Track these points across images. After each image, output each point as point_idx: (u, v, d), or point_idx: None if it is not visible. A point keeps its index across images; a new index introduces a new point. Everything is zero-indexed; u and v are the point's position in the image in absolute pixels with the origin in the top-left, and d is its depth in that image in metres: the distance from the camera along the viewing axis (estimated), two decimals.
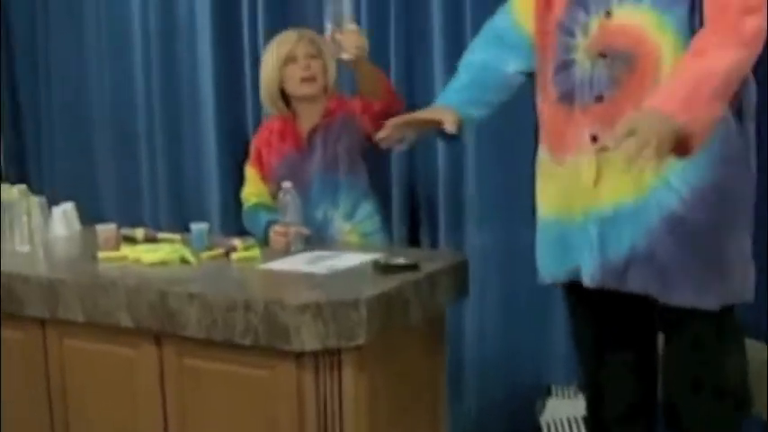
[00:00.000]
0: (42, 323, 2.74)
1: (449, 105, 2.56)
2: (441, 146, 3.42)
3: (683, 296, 2.28)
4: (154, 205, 4.14)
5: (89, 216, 3.51)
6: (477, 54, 2.64)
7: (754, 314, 2.73)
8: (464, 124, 2.56)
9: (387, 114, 2.82)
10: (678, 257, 2.26)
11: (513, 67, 2.57)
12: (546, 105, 2.46)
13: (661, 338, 2.53)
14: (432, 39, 3.42)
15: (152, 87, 4.09)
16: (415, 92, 3.45)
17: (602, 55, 2.30)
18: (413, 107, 2.97)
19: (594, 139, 2.30)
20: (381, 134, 2.59)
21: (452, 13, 3.36)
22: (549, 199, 2.47)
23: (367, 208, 3.07)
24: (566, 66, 2.39)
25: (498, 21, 2.63)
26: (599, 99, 2.31)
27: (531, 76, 2.57)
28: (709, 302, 2.29)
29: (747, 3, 2.16)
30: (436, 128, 2.54)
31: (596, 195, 2.33)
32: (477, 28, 2.99)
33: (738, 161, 2.28)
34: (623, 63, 2.27)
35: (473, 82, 2.60)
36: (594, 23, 2.32)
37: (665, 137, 2.05)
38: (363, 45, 2.83)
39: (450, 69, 3.22)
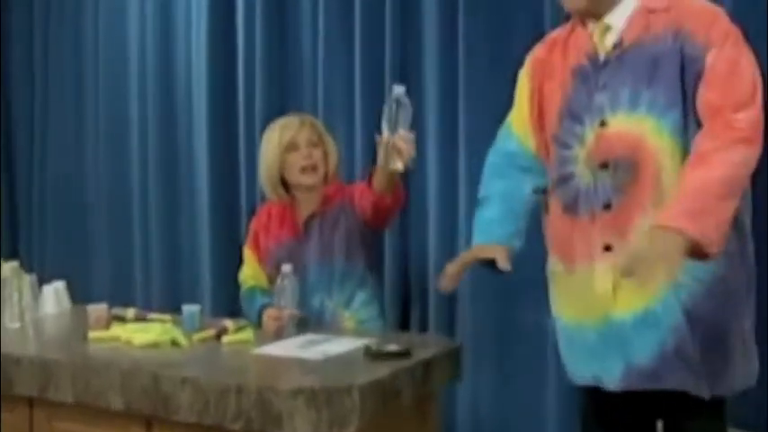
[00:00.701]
0: (30, 403, 2.72)
1: (496, 242, 2.52)
2: (433, 227, 3.45)
3: (701, 387, 2.31)
4: (146, 284, 4.15)
5: (80, 294, 3.51)
6: (497, 183, 2.59)
7: (753, 407, 2.76)
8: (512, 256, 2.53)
9: (384, 203, 2.86)
10: (698, 351, 2.29)
11: (530, 186, 2.56)
12: (551, 217, 2.49)
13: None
14: (426, 122, 3.48)
15: (148, 169, 4.14)
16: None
17: (604, 165, 2.32)
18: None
19: (608, 248, 2.33)
20: (445, 285, 2.53)
21: (447, 91, 3.43)
22: (564, 307, 2.49)
23: (363, 296, 3.06)
24: (565, 179, 2.41)
25: (505, 145, 2.61)
26: (607, 207, 2.33)
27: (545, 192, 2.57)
28: (722, 390, 2.33)
29: (737, 99, 2.19)
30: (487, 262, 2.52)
31: (613, 303, 2.34)
32: (470, 113, 3.07)
33: (734, 254, 2.30)
34: (625, 171, 2.29)
35: (507, 214, 2.56)
36: (590, 134, 2.35)
37: (674, 256, 2.09)
38: (414, 155, 2.69)
39: (444, 157, 3.30)
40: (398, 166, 2.64)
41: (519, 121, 2.57)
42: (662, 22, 2.29)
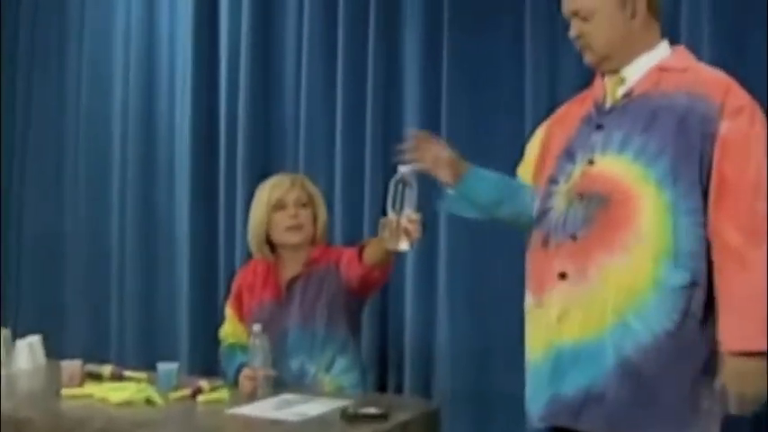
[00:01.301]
0: None
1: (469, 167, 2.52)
2: (410, 289, 3.44)
3: None
4: (121, 341, 4.11)
5: (55, 349, 3.47)
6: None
7: None
8: (464, 180, 2.51)
9: (372, 276, 2.88)
10: (628, 403, 2.27)
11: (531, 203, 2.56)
12: (529, 252, 2.51)
13: None
14: None
15: (126, 225, 4.11)
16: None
17: (580, 196, 2.35)
18: None
19: (563, 275, 2.34)
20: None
21: None
22: (532, 342, 2.48)
23: (344, 362, 3.01)
24: (545, 212, 2.44)
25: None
26: (573, 238, 2.35)
27: None
28: None
29: (753, 181, 2.21)
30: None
31: (559, 331, 2.34)
32: None
33: (698, 322, 2.29)
34: (598, 203, 2.31)
35: (499, 179, 2.58)
36: (578, 171, 2.39)
37: (761, 379, 2.19)
38: (419, 235, 2.60)
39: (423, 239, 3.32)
40: (404, 246, 2.57)
41: (524, 166, 2.61)
42: (674, 81, 2.34)
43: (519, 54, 3.32)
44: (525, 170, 2.61)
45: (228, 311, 3.16)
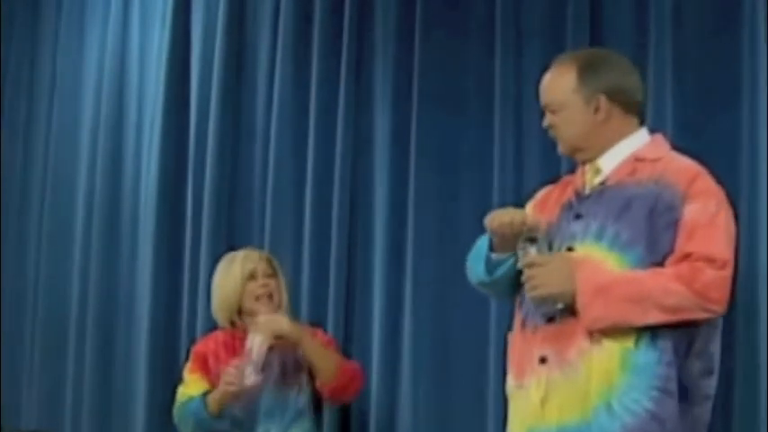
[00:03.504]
0: None
1: None
2: (376, 366, 3.44)
3: None
4: (77, 412, 4.02)
5: (8, 420, 3.40)
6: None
7: None
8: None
9: (338, 400, 3.14)
10: None
11: None
12: (511, 335, 2.51)
13: None
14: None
15: (88, 297, 4.05)
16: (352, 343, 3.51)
17: None
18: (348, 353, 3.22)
19: (543, 360, 2.34)
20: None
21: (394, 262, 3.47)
22: (513, 425, 2.47)
23: (307, 426, 3.14)
24: (524, 295, 2.44)
25: None
26: (550, 320, 2.36)
27: None
28: None
29: (710, 254, 2.24)
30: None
31: (542, 415, 2.33)
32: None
33: (673, 393, 2.29)
34: None
35: None
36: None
37: (565, 282, 2.27)
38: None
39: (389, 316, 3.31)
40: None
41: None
42: (648, 170, 2.37)
43: (487, 136, 3.36)
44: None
45: (192, 376, 3.18)
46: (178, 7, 3.97)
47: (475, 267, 2.56)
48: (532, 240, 2.36)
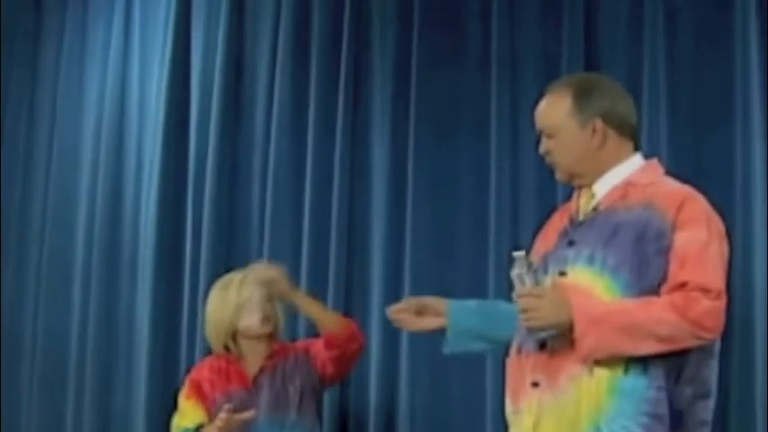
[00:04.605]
0: None
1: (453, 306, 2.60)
2: (373, 384, 3.45)
3: None
4: None
5: None
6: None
7: None
8: (448, 317, 2.58)
9: (344, 356, 3.01)
10: None
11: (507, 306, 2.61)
12: (508, 359, 2.52)
13: None
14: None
15: (88, 329, 4.04)
16: None
17: None
18: None
19: (535, 384, 2.34)
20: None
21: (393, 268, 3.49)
22: None
23: None
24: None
25: None
26: (542, 347, 2.36)
27: None
28: None
29: (704, 283, 2.24)
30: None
31: None
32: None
33: (663, 418, 2.30)
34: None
35: (481, 308, 2.67)
36: (549, 280, 2.40)
37: (560, 312, 2.25)
38: None
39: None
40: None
41: None
42: (639, 195, 2.37)
43: (483, 162, 3.39)
44: None
45: (187, 403, 3.16)
46: (178, 44, 4.00)
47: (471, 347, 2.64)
48: (529, 266, 2.37)
